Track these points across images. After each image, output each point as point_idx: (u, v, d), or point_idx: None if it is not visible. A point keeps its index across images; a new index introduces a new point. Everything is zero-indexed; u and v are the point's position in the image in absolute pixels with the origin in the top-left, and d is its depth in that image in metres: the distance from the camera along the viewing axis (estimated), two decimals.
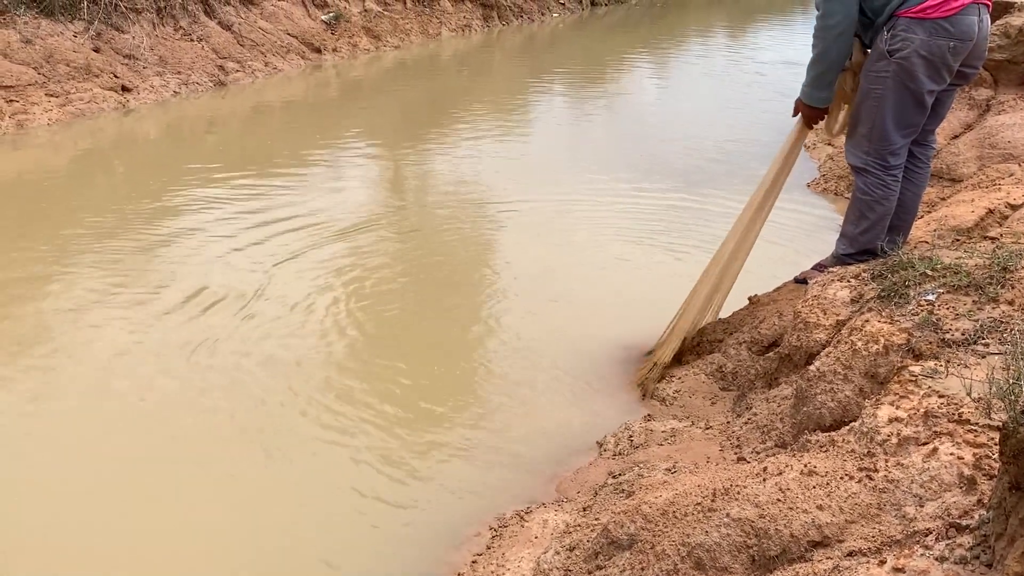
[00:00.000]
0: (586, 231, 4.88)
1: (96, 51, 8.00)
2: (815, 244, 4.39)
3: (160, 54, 8.56)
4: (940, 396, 1.87)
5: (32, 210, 5.22)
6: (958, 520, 1.49)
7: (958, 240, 3.47)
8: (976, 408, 1.77)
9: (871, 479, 1.70)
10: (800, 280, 3.28)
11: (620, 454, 2.72)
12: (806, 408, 2.31)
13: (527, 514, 2.47)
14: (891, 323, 2.23)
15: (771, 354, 2.90)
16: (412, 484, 2.70)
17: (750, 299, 3.37)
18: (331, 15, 10.95)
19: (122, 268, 4.28)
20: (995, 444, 1.62)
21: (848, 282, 2.62)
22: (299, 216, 5.04)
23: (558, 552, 2.12)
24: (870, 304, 2.40)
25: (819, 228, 4.81)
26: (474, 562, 2.30)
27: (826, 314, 2.55)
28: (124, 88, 7.95)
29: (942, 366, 1.99)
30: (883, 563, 1.47)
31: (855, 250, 3.09)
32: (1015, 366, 1.58)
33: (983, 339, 2.05)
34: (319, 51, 10.40)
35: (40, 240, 4.62)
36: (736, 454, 2.45)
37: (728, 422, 2.74)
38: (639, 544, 1.88)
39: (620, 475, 2.50)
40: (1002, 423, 1.35)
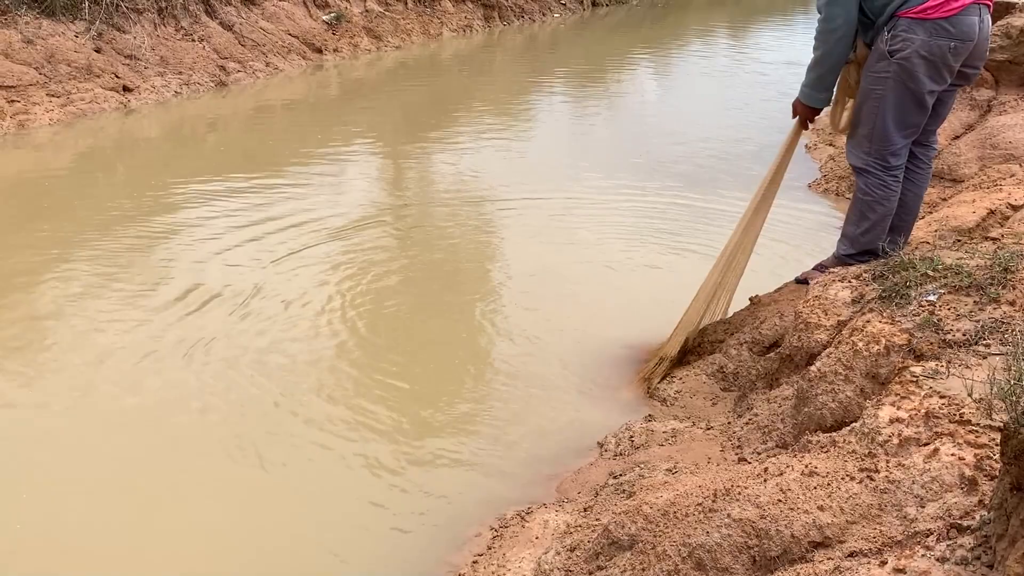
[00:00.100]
0: (587, 230, 4.88)
1: (97, 51, 8.00)
2: (816, 244, 4.39)
3: (161, 54, 8.57)
4: (941, 397, 1.87)
5: (32, 209, 5.22)
6: (959, 521, 1.49)
7: (959, 241, 3.47)
8: (977, 409, 1.77)
9: (872, 480, 1.70)
10: (801, 280, 3.28)
11: (621, 454, 2.72)
12: (807, 409, 2.31)
13: (528, 514, 2.46)
14: (892, 324, 2.23)
15: (772, 354, 2.90)
16: (412, 484, 2.70)
17: (751, 299, 3.37)
18: (332, 15, 10.95)
19: (122, 266, 4.29)
20: (996, 445, 1.61)
21: (849, 282, 2.62)
22: (299, 214, 5.03)
23: (559, 552, 2.11)
24: (871, 305, 2.40)
25: (820, 228, 4.81)
26: (475, 562, 2.29)
27: (827, 315, 2.55)
28: (125, 88, 7.95)
29: (943, 367, 1.99)
30: (884, 564, 1.47)
31: (856, 251, 3.09)
32: (1016, 367, 1.58)
33: (984, 340, 2.04)
34: (320, 51, 10.40)
35: (40, 239, 4.62)
36: (737, 454, 2.45)
37: (729, 422, 2.74)
38: (640, 544, 1.88)
39: (621, 475, 2.50)
40: (1003, 424, 1.35)
